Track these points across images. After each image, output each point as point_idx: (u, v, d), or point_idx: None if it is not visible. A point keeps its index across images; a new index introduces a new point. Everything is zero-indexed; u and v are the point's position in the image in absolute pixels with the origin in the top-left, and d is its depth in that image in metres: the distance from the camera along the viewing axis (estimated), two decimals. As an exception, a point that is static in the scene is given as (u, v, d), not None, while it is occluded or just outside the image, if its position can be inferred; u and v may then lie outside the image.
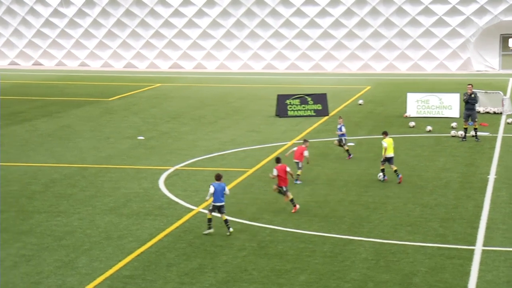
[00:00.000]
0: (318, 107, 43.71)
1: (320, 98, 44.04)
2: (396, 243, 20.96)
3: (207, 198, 21.79)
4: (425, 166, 30.32)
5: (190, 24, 70.01)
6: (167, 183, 27.96)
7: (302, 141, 28.85)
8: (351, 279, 18.51)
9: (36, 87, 57.29)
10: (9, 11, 71.54)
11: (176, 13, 70.00)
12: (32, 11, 71.39)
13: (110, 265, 19.23)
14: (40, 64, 72.40)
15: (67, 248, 20.47)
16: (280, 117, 43.09)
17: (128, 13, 70.48)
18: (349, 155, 31.52)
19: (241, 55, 70.40)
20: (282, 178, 23.72)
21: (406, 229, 22.25)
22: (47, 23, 71.33)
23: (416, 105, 42.91)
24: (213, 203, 21.67)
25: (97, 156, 32.56)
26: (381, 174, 27.76)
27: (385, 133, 28.01)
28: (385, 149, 27.36)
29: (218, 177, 21.79)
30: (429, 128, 37.88)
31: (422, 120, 40.89)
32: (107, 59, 71.93)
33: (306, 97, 43.87)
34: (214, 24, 69.73)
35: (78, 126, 40.31)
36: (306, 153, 27.52)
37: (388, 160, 27.56)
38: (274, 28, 68.96)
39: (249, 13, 69.03)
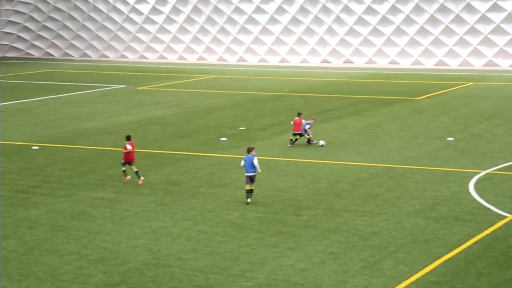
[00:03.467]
0: None
1: None
2: None
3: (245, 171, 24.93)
4: None
5: (509, 18, 67.48)
6: (477, 187, 27.14)
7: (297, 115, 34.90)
8: None
9: (346, 85, 58.82)
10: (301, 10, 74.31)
11: (495, 7, 67.88)
12: (323, 9, 73.49)
13: (416, 269, 19.11)
14: (351, 62, 74.25)
15: (372, 249, 20.72)
16: None
17: (416, 9, 69.74)
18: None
19: None
20: (132, 153, 27.90)
21: None
22: (337, 19, 72.92)
23: None
24: (245, 174, 24.99)
25: (404, 156, 32.57)
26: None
27: None
28: None
29: (249, 150, 25.18)
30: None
31: None
32: (418, 57, 71.74)
33: None
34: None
35: (386, 125, 40.65)
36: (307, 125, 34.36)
37: None
38: None
39: None
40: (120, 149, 30.23)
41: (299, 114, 35.37)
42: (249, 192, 25.20)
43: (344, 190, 27.13)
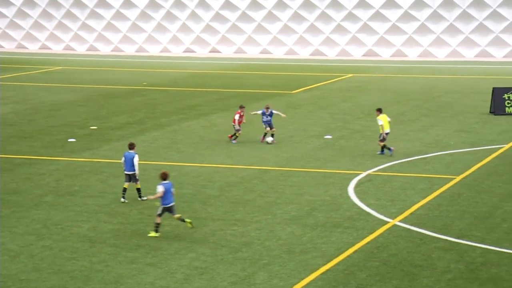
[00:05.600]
0: (544, 102, 42.08)
1: (547, 92, 42.37)
2: None
3: (123, 166, 26.46)
4: None
5: (390, 4, 69.66)
6: (358, 190, 27.90)
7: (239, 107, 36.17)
8: None
9: (214, 77, 59.12)
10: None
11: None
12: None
13: (291, 283, 19.44)
14: (218, 52, 74.66)
15: (243, 262, 20.92)
16: (496, 114, 41.84)
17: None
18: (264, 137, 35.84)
19: (449, 40, 69.07)
20: None
21: None
22: (202, 3, 73.42)
23: None
24: (124, 172, 26.34)
25: (278, 157, 33.07)
26: (383, 151, 32.76)
27: (379, 110, 32.82)
28: (382, 126, 32.18)
29: (130, 146, 26.64)
30: None
31: None
32: (292, 46, 72.93)
33: (529, 90, 42.40)
34: (419, 4, 68.95)
35: (258, 122, 41.09)
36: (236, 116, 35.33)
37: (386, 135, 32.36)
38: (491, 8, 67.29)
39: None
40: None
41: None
42: (125, 191, 26.29)
43: (212, 196, 27.28)
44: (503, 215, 24.71)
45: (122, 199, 26.28)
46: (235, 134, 35.89)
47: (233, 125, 35.92)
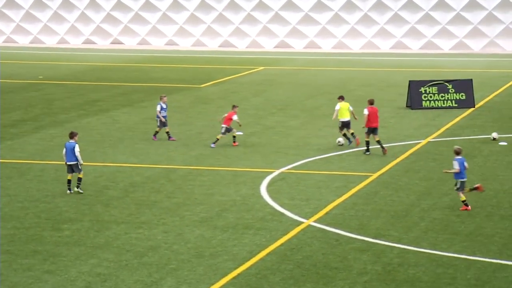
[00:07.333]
0: (461, 96, 43.01)
1: (464, 86, 43.33)
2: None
3: (64, 157, 27.33)
4: None
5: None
6: (270, 189, 28.09)
7: (232, 107, 34.60)
8: (501, 315, 18.14)
9: (116, 70, 58.68)
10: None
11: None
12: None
13: (200, 289, 19.53)
14: (120, 43, 74.14)
15: (149, 267, 20.88)
16: (413, 108, 42.64)
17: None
18: (154, 136, 35.26)
19: (364, 31, 70.07)
20: None
21: None
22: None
23: None
24: (66, 162, 27.23)
25: (186, 155, 33.06)
26: (340, 139, 33.80)
27: (341, 97, 34.39)
28: (337, 112, 33.53)
29: (71, 135, 27.42)
30: None
31: None
32: (200, 37, 72.93)
33: (446, 84, 43.26)
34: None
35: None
36: (235, 117, 33.79)
37: (346, 125, 33.43)
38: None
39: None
40: None
41: (233, 107, 34.50)
42: (70, 183, 27.23)
43: (115, 197, 27.12)
44: (420, 213, 25.21)
45: (68, 191, 27.23)
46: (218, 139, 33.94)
47: (222, 127, 33.61)
